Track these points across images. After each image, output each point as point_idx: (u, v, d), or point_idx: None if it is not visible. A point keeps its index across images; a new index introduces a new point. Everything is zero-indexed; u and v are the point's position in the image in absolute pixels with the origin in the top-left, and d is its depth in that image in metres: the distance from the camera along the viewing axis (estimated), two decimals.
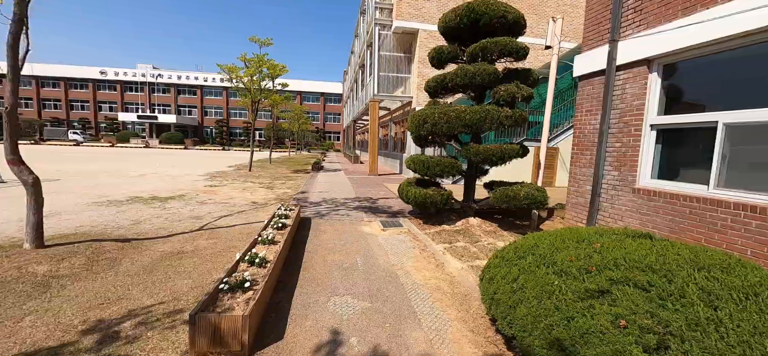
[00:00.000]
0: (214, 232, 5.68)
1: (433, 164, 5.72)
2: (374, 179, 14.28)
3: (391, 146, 20.58)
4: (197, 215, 6.83)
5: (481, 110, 5.29)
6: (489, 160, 5.46)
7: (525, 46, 5.57)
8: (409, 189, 6.16)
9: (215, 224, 6.27)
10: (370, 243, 5.28)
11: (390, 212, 7.63)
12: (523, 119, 5.46)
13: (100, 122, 59.02)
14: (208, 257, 4.46)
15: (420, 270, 4.21)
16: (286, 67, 16.09)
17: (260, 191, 10.31)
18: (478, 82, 5.45)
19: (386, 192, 10.73)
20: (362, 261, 4.42)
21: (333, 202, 8.72)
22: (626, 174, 5.07)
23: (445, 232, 5.86)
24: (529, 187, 5.46)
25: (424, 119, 5.68)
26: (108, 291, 3.39)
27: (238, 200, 8.77)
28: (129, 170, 15.34)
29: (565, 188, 12.45)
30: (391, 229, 6.18)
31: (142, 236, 5.27)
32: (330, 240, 5.36)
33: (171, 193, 9.34)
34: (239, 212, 7.30)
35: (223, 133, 58.91)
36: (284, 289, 3.50)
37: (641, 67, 4.90)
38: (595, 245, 2.57)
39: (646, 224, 4.71)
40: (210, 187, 10.80)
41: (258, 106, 15.23)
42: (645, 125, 4.88)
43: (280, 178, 14.06)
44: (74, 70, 58.26)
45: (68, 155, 24.42)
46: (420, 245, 5.21)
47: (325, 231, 5.89)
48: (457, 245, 5.19)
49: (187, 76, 59.91)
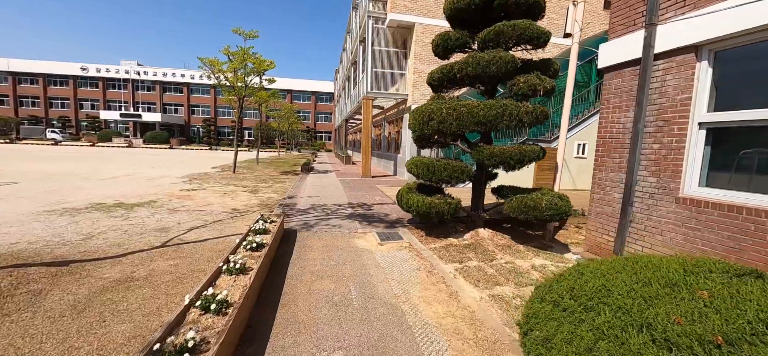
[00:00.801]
0: (179, 249, 4.75)
1: (439, 168, 4.89)
2: (368, 182, 13.41)
3: (385, 147, 19.73)
4: (164, 227, 5.87)
5: (498, 104, 4.49)
6: (506, 163, 4.66)
7: (547, 31, 4.78)
8: (410, 197, 5.32)
9: (184, 237, 5.33)
10: (366, 263, 4.42)
11: (387, 222, 6.78)
12: (544, 116, 4.68)
13: (81, 120, 56.73)
14: (163, 286, 3.54)
15: (430, 303, 3.37)
16: (273, 62, 15.13)
17: (242, 196, 9.35)
18: (492, 73, 4.64)
19: (381, 197, 9.88)
20: (358, 291, 3.56)
21: (323, 209, 7.83)
22: (667, 181, 4.32)
23: (452, 247, 5.04)
24: (550, 195, 4.67)
25: (429, 116, 4.85)
26: (8, 348, 2.46)
27: (216, 206, 7.81)
28: (103, 171, 14.17)
29: (566, 191, 11.77)
30: (389, 243, 5.34)
31: (87, 257, 4.31)
32: (318, 260, 4.48)
33: (140, 198, 8.33)
34: (215, 222, 6.37)
35: (211, 132, 57.20)
36: (254, 341, 2.61)
37: (687, 56, 4.16)
38: (701, 293, 1.76)
39: (694, 240, 3.96)
40: (187, 191, 9.79)
41: (243, 103, 14.21)
42: (692, 124, 4.14)
43: (266, 180, 13.08)
44: (54, 66, 55.86)
45: (42, 154, 22.93)
46: (426, 266, 4.38)
47: (313, 247, 5.01)
48: (470, 266, 4.37)
49: (173, 74, 58.01)
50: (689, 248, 4.00)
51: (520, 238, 5.80)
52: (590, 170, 13.22)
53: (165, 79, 58.06)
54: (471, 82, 5.34)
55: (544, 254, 4.99)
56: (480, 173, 5.59)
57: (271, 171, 16.88)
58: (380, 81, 15.09)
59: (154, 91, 58.74)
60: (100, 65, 56.53)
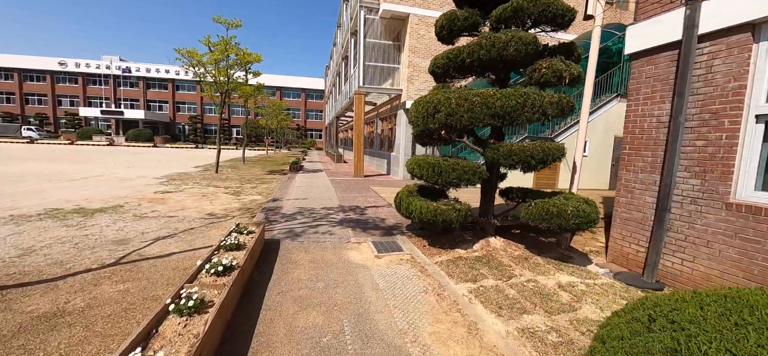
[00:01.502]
0: (135, 268, 3.93)
1: (447, 169, 4.16)
2: (360, 182, 12.64)
3: (378, 144, 18.96)
4: (124, 238, 5.03)
5: (518, 93, 3.78)
6: (525, 163, 3.96)
7: (572, 8, 4.10)
8: (412, 202, 4.59)
9: (145, 251, 4.51)
10: (362, 284, 3.68)
11: (384, 228, 6.04)
12: (570, 108, 4.00)
13: (60, 117, 54.38)
14: (100, 324, 2.74)
15: (445, 343, 2.64)
16: (260, 55, 14.21)
17: (222, 199, 8.49)
18: (510, 56, 3.92)
19: (375, 198, 9.13)
20: (353, 327, 2.81)
21: (311, 214, 7.04)
22: (714, 183, 3.69)
23: (462, 261, 4.33)
24: (575, 201, 4.00)
25: (435, 107, 4.11)
26: None
27: (191, 211, 6.96)
28: (73, 171, 13.07)
29: (568, 190, 11.13)
30: (388, 255, 4.60)
31: (15, 281, 3.47)
32: (304, 281, 3.72)
33: (105, 203, 7.41)
34: (186, 231, 5.54)
35: (198, 130, 55.51)
36: None
37: (741, 36, 3.52)
38: None
39: (753, 255, 3.33)
40: (161, 193, 8.88)
41: (225, 99, 13.26)
42: (746, 116, 3.51)
43: (251, 181, 12.20)
44: (30, 61, 53.34)
45: (11, 153, 21.49)
46: (433, 286, 3.65)
47: (298, 263, 4.24)
48: (486, 285, 3.66)
49: (157, 69, 56.00)
50: (746, 264, 3.37)
51: (534, 247, 5.13)
52: (591, 168, 12.76)
53: (149, 75, 56.04)
54: (481, 70, 4.63)
55: (567, 268, 4.32)
56: (490, 174, 4.89)
57: (257, 171, 15.96)
58: (373, 76, 14.32)
59: (138, 87, 56.66)
60: (80, 60, 54.21)
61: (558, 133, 12.20)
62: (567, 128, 12.08)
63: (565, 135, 11.97)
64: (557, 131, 12.56)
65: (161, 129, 56.27)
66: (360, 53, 13.49)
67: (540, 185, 12.81)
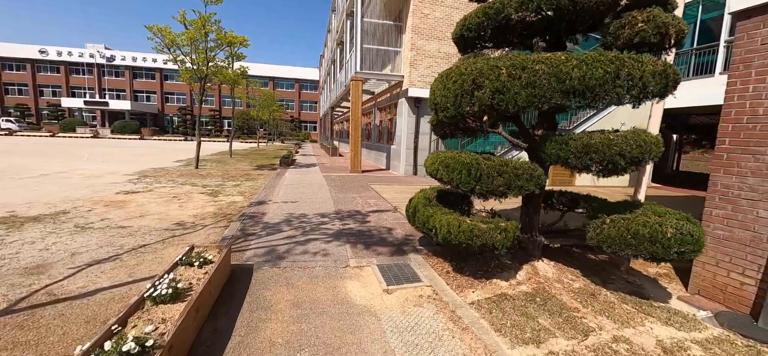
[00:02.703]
0: (29, 320, 2.63)
1: (490, 172, 2.87)
2: (358, 179, 11.33)
3: (376, 137, 17.61)
4: (43, 263, 3.71)
5: (607, 58, 2.50)
6: (611, 163, 2.70)
7: None
8: (433, 215, 3.31)
9: (61, 287, 3.20)
10: (368, 350, 2.41)
11: (391, 243, 4.76)
12: (675, 82, 2.72)
13: (42, 108, 52.01)
14: None
15: None
16: (247, 39, 12.73)
17: (196, 201, 7.15)
18: (588, 4, 2.63)
19: (377, 200, 7.85)
20: None
21: (300, 223, 5.74)
22: None
23: (507, 301, 3.08)
24: (674, 219, 2.76)
25: (474, 81, 2.79)
26: None
27: (152, 219, 5.63)
28: (35, 166, 11.58)
29: (586, 187, 9.69)
30: (401, 289, 3.35)
31: None
32: (279, 344, 2.45)
33: (49, 208, 6.04)
34: (134, 250, 4.22)
35: (187, 122, 53.47)
36: None
37: None
38: None
39: None
40: (124, 194, 7.52)
41: (204, 86, 11.81)
42: None
43: (235, 178, 10.83)
44: (8, 49, 50.71)
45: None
46: (475, 349, 2.40)
47: (275, 307, 2.96)
48: (557, 351, 2.42)
49: (144, 58, 53.60)
50: None
51: (588, 270, 3.91)
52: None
53: (135, 64, 53.69)
54: (529, 34, 3.34)
55: (652, 309, 3.10)
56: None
57: (244, 166, 14.56)
58: (371, 60, 12.92)
59: (124, 77, 54.30)
60: (62, 48, 51.68)
61: (575, 125, 10.96)
62: (588, 118, 10.85)
63: (587, 125, 10.74)
64: (575, 122, 11.34)
65: (149, 120, 54.13)
66: (357, 35, 12.07)
67: (554, 183, 11.59)
